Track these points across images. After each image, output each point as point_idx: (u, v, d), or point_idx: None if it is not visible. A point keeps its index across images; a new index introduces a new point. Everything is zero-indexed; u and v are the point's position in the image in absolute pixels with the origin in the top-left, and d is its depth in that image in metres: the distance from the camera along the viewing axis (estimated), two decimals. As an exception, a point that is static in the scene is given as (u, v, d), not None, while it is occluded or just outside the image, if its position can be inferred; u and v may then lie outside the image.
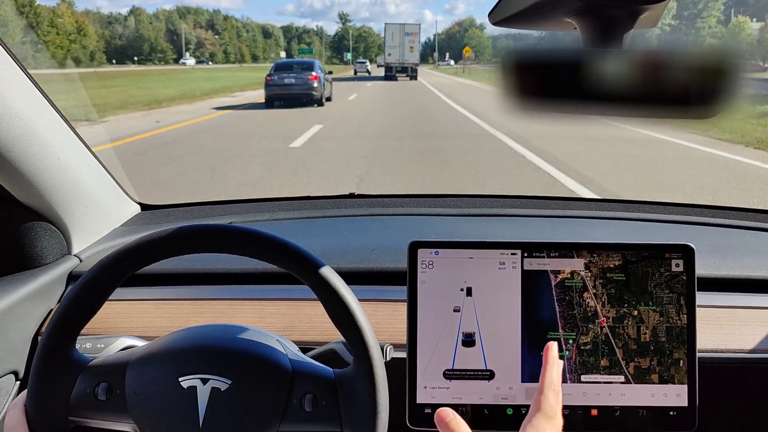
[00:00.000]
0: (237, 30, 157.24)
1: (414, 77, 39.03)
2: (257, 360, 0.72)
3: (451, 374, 0.84)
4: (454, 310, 0.85)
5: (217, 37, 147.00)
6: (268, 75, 16.22)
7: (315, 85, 15.70)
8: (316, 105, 15.73)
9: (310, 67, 16.67)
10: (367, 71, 62.27)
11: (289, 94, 15.63)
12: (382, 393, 0.70)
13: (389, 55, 42.13)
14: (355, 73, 61.31)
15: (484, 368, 0.84)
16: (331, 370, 0.74)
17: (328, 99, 17.11)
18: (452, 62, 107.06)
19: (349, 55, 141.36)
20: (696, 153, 8.46)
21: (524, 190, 5.91)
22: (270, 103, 15.69)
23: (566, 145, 8.51)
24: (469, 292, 0.85)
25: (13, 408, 0.71)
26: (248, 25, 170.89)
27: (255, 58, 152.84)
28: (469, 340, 0.85)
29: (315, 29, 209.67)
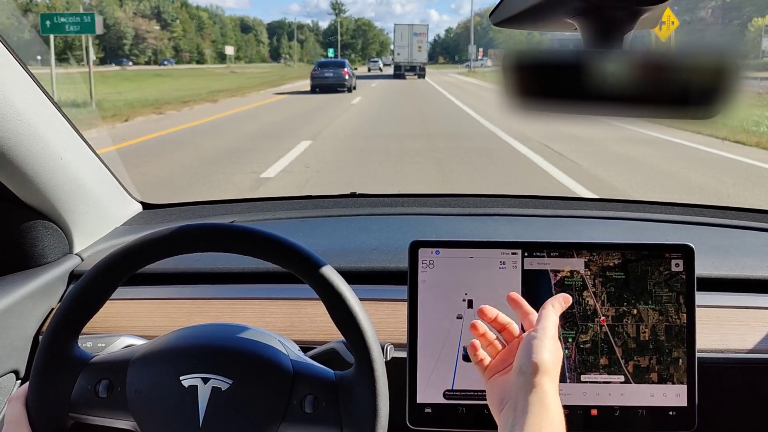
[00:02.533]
0: (199, 21, 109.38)
1: (422, 76, 40.60)
2: (259, 360, 0.73)
3: (451, 395, 0.85)
4: (457, 318, 0.85)
5: (158, 28, 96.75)
6: (312, 70, 23.64)
7: (346, 77, 22.68)
8: (346, 91, 22.40)
9: (342, 65, 23.67)
10: (380, 69, 64.75)
11: (327, 83, 22.30)
12: (383, 396, 0.70)
13: (398, 54, 44.41)
14: (369, 70, 64.45)
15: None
16: (332, 371, 0.74)
17: (354, 88, 24.17)
18: (489, 62, 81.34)
19: (330, 52, 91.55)
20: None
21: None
22: (314, 89, 22.37)
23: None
24: (470, 304, 0.85)
25: (14, 400, 0.71)
26: (217, 16, 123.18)
27: (223, 58, 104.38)
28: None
29: (310, 24, 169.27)
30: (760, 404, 0.96)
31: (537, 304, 0.85)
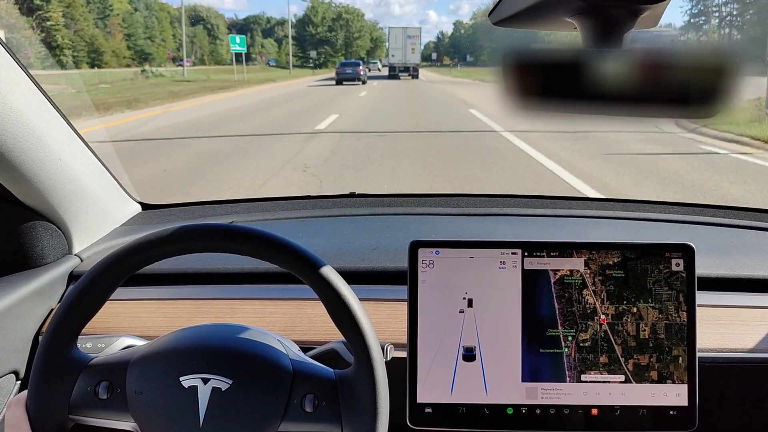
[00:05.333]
0: (103, 7, 68.86)
1: (416, 76, 43.07)
2: (258, 360, 0.73)
3: (451, 394, 0.85)
4: (457, 318, 0.85)
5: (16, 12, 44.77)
6: (336, 68, 34.30)
7: (361, 73, 32.34)
8: (361, 83, 31.64)
9: (358, 64, 33.84)
10: (378, 69, 65.39)
11: (347, 77, 32.06)
12: (383, 394, 0.70)
13: (393, 56, 48.56)
14: (369, 70, 64.51)
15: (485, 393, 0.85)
16: (332, 370, 0.74)
17: (365, 82, 32.99)
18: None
19: (234, 41, 39.69)
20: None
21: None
22: (339, 82, 31.99)
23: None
24: (470, 303, 0.85)
25: (15, 404, 0.71)
26: (141, 2, 79.32)
27: (145, 58, 71.70)
28: (469, 355, 0.85)
29: (293, 20, 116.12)
30: (761, 404, 0.96)
31: (537, 304, 0.85)
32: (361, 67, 33.18)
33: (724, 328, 0.96)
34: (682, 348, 0.84)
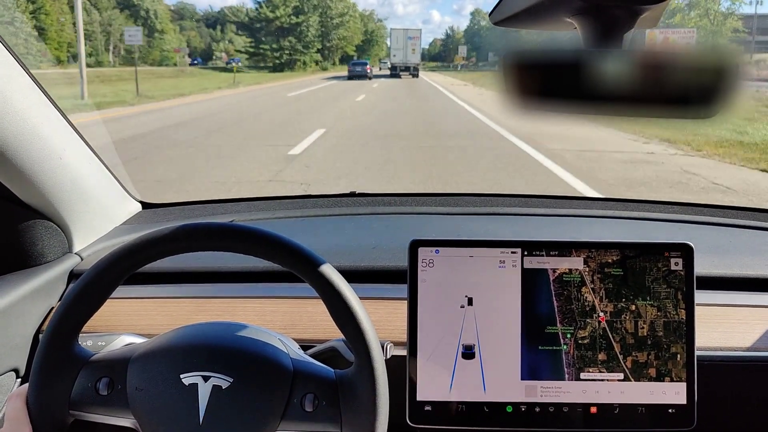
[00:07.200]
0: None
1: (416, 75, 46.43)
2: (259, 358, 0.73)
3: (450, 392, 0.86)
4: (456, 316, 0.86)
5: None
6: (349, 67, 43.19)
7: (368, 71, 41.33)
8: (368, 79, 38.92)
9: (365, 64, 43.14)
10: (389, 68, 60.59)
11: (357, 74, 40.01)
12: (383, 394, 0.70)
13: (394, 56, 52.46)
14: (380, 69, 69.07)
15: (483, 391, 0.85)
16: (333, 370, 0.74)
17: (371, 78, 41.17)
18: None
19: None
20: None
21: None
22: (350, 78, 39.56)
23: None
24: (470, 302, 0.86)
25: (15, 398, 0.71)
26: None
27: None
28: (469, 353, 0.85)
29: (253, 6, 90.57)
30: (759, 402, 0.97)
31: (536, 303, 0.85)
32: (368, 66, 43.65)
33: (723, 327, 0.96)
34: (680, 345, 0.85)
